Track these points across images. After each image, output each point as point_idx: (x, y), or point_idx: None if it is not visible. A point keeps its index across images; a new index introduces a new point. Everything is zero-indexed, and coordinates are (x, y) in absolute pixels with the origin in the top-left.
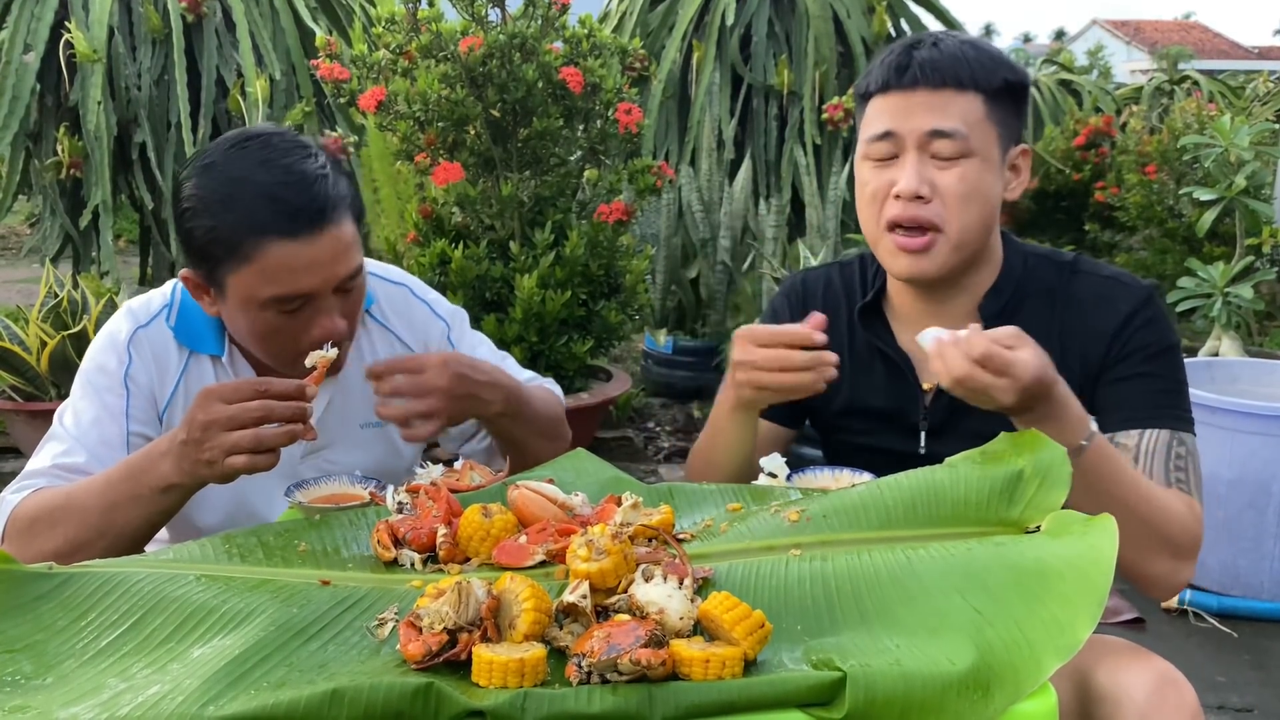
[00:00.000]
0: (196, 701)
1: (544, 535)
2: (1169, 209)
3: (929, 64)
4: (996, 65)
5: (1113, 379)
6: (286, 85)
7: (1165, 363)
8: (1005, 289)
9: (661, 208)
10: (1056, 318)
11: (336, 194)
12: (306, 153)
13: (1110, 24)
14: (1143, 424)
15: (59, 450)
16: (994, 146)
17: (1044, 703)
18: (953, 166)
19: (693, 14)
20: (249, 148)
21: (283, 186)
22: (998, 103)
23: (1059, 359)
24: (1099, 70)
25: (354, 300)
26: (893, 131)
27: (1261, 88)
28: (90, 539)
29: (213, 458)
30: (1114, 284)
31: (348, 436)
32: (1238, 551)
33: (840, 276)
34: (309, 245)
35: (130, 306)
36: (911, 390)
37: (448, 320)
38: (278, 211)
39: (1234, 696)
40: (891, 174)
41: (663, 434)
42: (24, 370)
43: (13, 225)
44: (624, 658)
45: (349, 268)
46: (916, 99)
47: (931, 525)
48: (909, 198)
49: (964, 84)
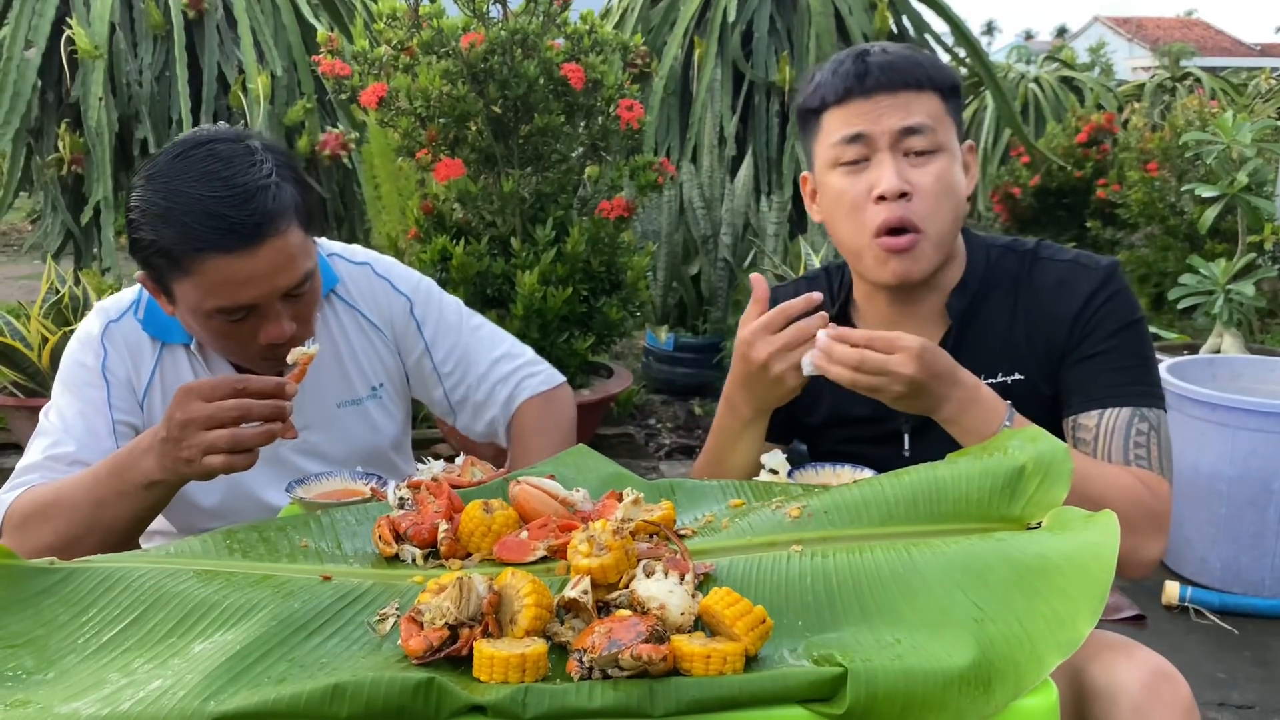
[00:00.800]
0: (198, 696)
1: (545, 531)
2: (1170, 206)
3: (887, 67)
4: (940, 69)
5: (1074, 360)
6: (288, 81)
7: (1126, 337)
8: (971, 284)
9: (663, 204)
10: (1022, 304)
11: (278, 205)
12: (250, 161)
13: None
14: (1103, 404)
15: (48, 443)
16: (955, 143)
17: (1045, 698)
18: (928, 163)
19: (694, 10)
20: (193, 157)
21: (220, 201)
22: (949, 102)
23: (1025, 345)
24: (1101, 67)
25: (306, 302)
26: (864, 133)
27: (1263, 84)
28: (80, 534)
29: (191, 456)
30: (1073, 267)
31: (324, 416)
32: (1239, 549)
33: (808, 290)
34: (247, 259)
35: (101, 305)
36: None
37: (409, 295)
38: (213, 227)
39: (1235, 693)
40: (868, 178)
41: (664, 430)
42: (25, 366)
43: (14, 222)
44: (625, 653)
45: (292, 278)
46: (880, 102)
47: (933, 521)
48: (893, 197)
49: (922, 84)
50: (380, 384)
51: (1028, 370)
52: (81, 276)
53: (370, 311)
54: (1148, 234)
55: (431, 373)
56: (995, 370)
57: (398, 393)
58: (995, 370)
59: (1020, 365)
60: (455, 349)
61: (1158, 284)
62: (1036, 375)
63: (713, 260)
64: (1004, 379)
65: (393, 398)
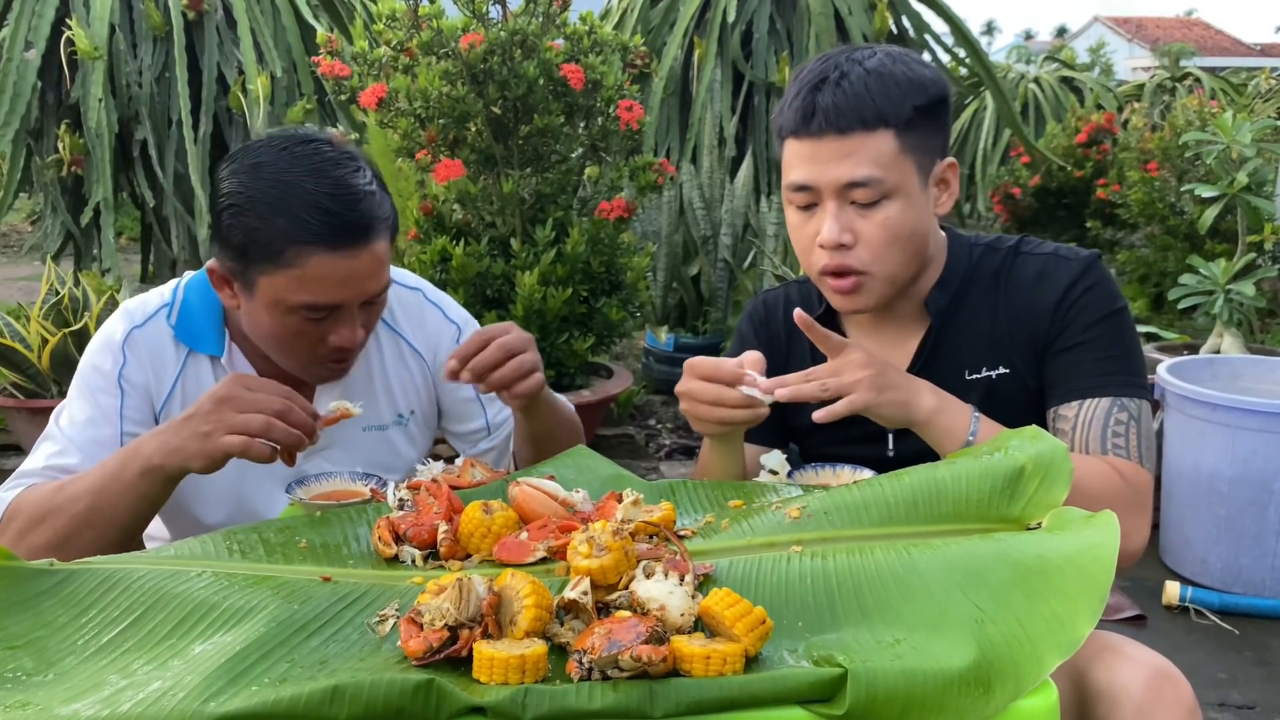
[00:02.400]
0: (198, 698)
1: (545, 532)
2: (1170, 206)
3: (833, 110)
4: (904, 94)
5: (1055, 351)
6: (287, 82)
7: (1107, 326)
8: (951, 282)
9: (663, 205)
10: (1003, 298)
11: (381, 212)
12: (355, 166)
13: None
14: (1083, 394)
15: (53, 450)
16: (912, 177)
17: (1045, 699)
18: (874, 212)
19: (694, 11)
20: (299, 153)
21: (332, 199)
22: (912, 132)
23: (1008, 339)
24: (1101, 67)
25: (375, 312)
26: (808, 184)
27: (1263, 84)
28: (78, 529)
29: (212, 430)
30: (1053, 259)
31: (349, 439)
32: (1239, 549)
33: (799, 293)
34: (349, 259)
35: (126, 307)
36: None
37: (460, 324)
38: (325, 223)
39: (1235, 694)
40: (815, 223)
41: (664, 431)
42: (25, 367)
43: (14, 223)
44: (625, 654)
45: (380, 284)
46: (826, 147)
47: (932, 522)
48: (831, 248)
49: (871, 124)
50: (411, 412)
51: (1012, 364)
52: (81, 278)
53: (415, 338)
54: (1148, 234)
55: (473, 400)
56: (979, 365)
57: (425, 423)
58: (979, 365)
59: (1004, 359)
60: None
61: (1158, 284)
62: (1022, 368)
63: (713, 261)
64: (988, 373)
65: (420, 426)
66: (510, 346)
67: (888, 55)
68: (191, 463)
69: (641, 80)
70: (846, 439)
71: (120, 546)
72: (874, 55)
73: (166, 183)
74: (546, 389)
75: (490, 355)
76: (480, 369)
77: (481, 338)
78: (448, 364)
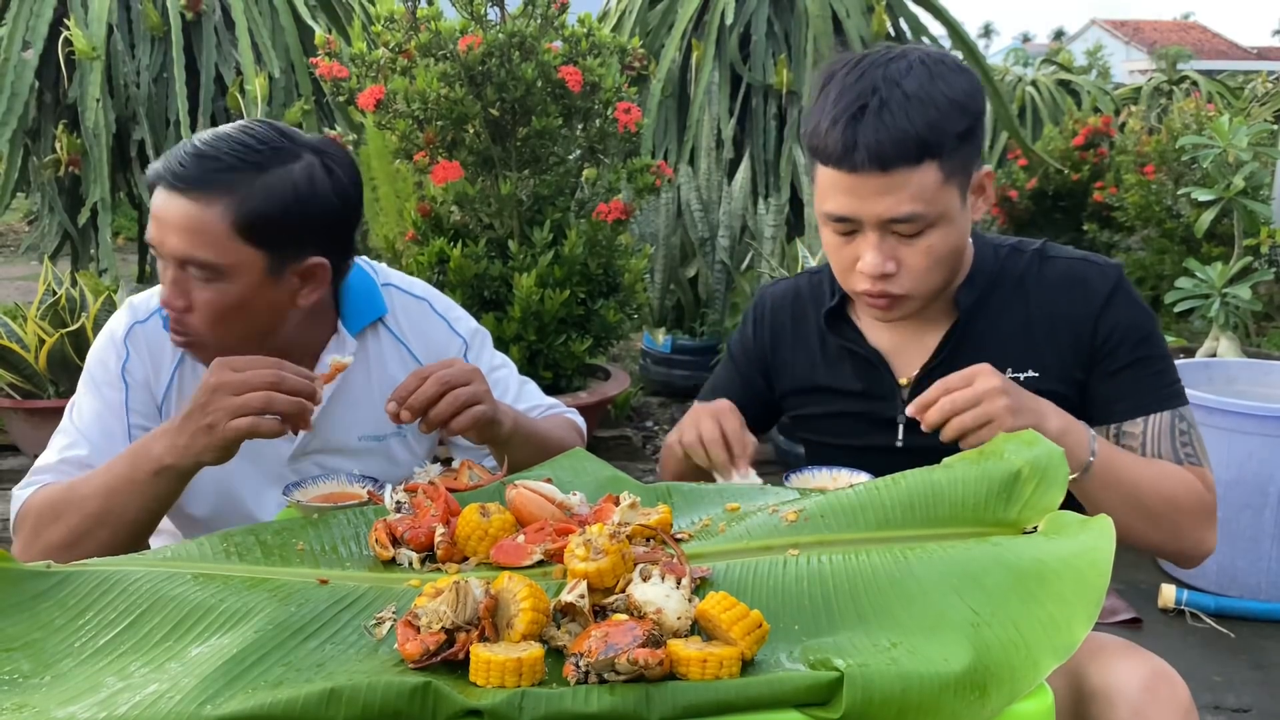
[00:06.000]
0: (194, 700)
1: (542, 535)
2: (1167, 209)
3: (874, 146)
4: (946, 120)
5: (1107, 372)
6: (285, 83)
7: (1152, 344)
8: (978, 281)
9: (660, 207)
10: (1035, 301)
11: (193, 172)
12: (243, 131)
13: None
14: (1146, 410)
15: (66, 444)
16: (955, 201)
17: (1040, 703)
18: (918, 241)
19: (692, 13)
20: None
21: (179, 147)
22: (955, 157)
23: (1040, 343)
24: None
25: (204, 287)
26: (849, 217)
27: (1260, 88)
28: (91, 528)
29: (215, 420)
30: (1084, 264)
31: (346, 446)
32: (1235, 552)
33: (809, 284)
34: (158, 204)
35: (131, 302)
36: (888, 385)
37: (467, 339)
38: (156, 166)
39: (1231, 697)
40: (855, 248)
41: (661, 433)
42: (22, 368)
43: (11, 222)
44: (621, 657)
45: (175, 245)
46: (869, 183)
47: (929, 525)
48: (874, 276)
49: (915, 158)
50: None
51: (1043, 367)
52: (78, 278)
53: (418, 348)
54: (1144, 237)
55: None
56: (1003, 366)
57: (425, 434)
58: (1003, 366)
59: (1035, 362)
60: (504, 397)
61: (1154, 287)
62: (1054, 372)
63: (710, 263)
64: (1014, 375)
65: (418, 437)
66: (448, 380)
67: (925, 70)
68: (203, 456)
69: (639, 82)
70: (855, 430)
71: (133, 543)
72: (911, 72)
73: None
74: (524, 421)
75: (426, 391)
76: (417, 406)
77: (419, 374)
78: (387, 405)
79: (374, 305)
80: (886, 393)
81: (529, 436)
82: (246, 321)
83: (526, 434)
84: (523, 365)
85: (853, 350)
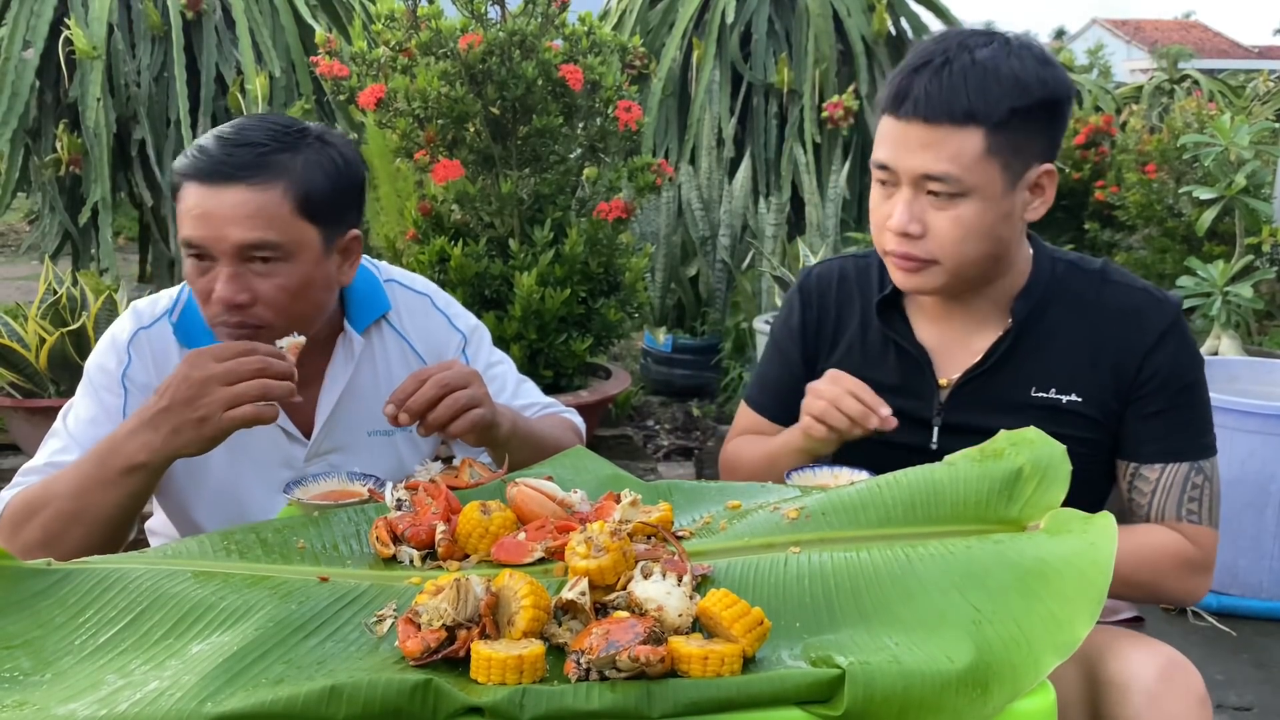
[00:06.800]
0: (195, 698)
1: (543, 532)
2: (1169, 208)
3: (923, 98)
4: (1004, 93)
5: (1142, 413)
6: (286, 82)
7: (1192, 392)
8: (1035, 292)
9: (661, 206)
10: (1089, 325)
11: (262, 163)
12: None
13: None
14: (1165, 459)
15: (56, 448)
16: (997, 180)
17: (1042, 700)
18: (948, 207)
19: (693, 12)
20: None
21: (215, 138)
22: (1005, 132)
23: (1087, 370)
24: (1099, 69)
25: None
26: (888, 165)
27: (1261, 87)
28: (65, 527)
29: (208, 413)
30: (1145, 296)
31: (355, 442)
32: (1237, 551)
33: (855, 268)
34: (213, 195)
35: (136, 307)
36: (928, 384)
37: (466, 334)
38: (196, 157)
39: (1233, 695)
40: (890, 205)
41: (662, 432)
42: (23, 367)
43: (12, 222)
44: (623, 655)
45: (244, 234)
46: (912, 133)
47: (930, 523)
48: (898, 233)
49: (959, 119)
50: None
51: (1087, 394)
52: (79, 277)
53: (420, 344)
54: (1146, 236)
55: None
56: (1048, 386)
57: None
58: (1048, 386)
59: (1079, 388)
60: (500, 394)
61: None
62: (1096, 400)
63: (711, 262)
64: (1058, 396)
65: None
66: (447, 383)
67: (1005, 47)
68: (186, 450)
69: (640, 81)
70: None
71: (111, 539)
72: (990, 44)
73: (164, 182)
74: (523, 423)
75: (424, 394)
76: (415, 409)
77: (418, 377)
78: (385, 408)
79: (378, 302)
80: (926, 392)
81: (527, 438)
82: (310, 303)
83: (524, 436)
84: (523, 364)
85: (898, 344)
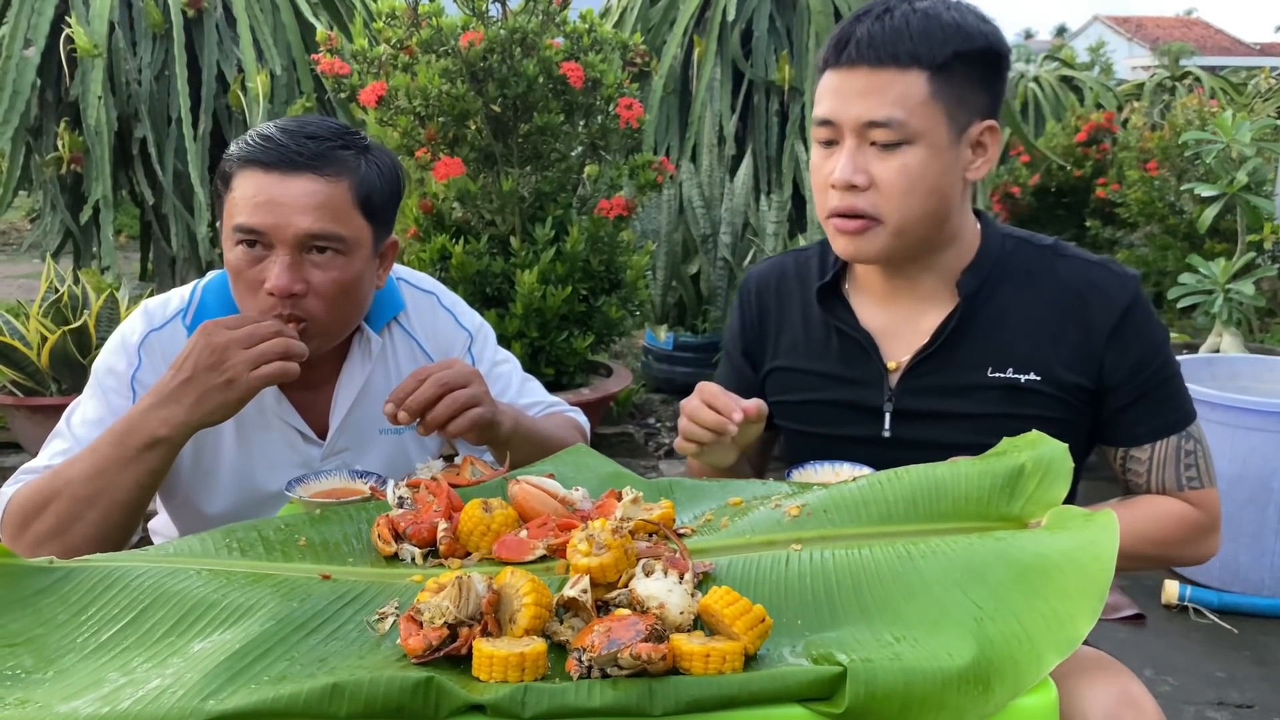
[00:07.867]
0: (197, 695)
1: (544, 530)
2: (1170, 205)
3: (866, 41)
4: (947, 38)
5: (1122, 401)
6: (287, 80)
7: (1165, 366)
8: (983, 267)
9: (662, 203)
10: (1045, 302)
11: (330, 155)
12: (337, 124)
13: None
14: (1154, 437)
15: (60, 449)
16: (941, 128)
17: (1044, 698)
18: (893, 156)
19: (694, 9)
20: None
21: (280, 128)
22: (948, 78)
23: (1045, 347)
24: (1100, 66)
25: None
26: (830, 119)
27: (1263, 84)
28: (81, 511)
29: (235, 375)
30: (1103, 270)
31: (364, 439)
32: (1238, 548)
33: (795, 263)
34: (277, 182)
35: (147, 307)
36: (875, 370)
37: (472, 332)
38: (261, 144)
39: (1234, 692)
40: (832, 162)
41: (663, 430)
42: (24, 365)
43: (13, 220)
44: (624, 652)
45: (310, 223)
46: (855, 80)
47: (932, 520)
48: (842, 188)
49: (903, 61)
50: None
51: (1048, 372)
52: (81, 275)
53: (427, 342)
54: (1147, 233)
55: None
56: (1005, 366)
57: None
58: (1005, 366)
59: (1039, 366)
60: (505, 393)
61: (1157, 283)
62: (1054, 380)
63: (712, 259)
64: (1016, 376)
65: None
66: (447, 382)
67: (946, 2)
68: (213, 417)
69: (641, 78)
70: (839, 419)
71: (124, 526)
72: (931, 2)
73: (166, 181)
74: (525, 421)
75: (424, 392)
76: (414, 407)
77: (418, 375)
78: (385, 407)
79: (393, 301)
80: (873, 378)
81: (529, 437)
82: (354, 302)
83: (527, 434)
84: (525, 362)
85: (841, 330)
